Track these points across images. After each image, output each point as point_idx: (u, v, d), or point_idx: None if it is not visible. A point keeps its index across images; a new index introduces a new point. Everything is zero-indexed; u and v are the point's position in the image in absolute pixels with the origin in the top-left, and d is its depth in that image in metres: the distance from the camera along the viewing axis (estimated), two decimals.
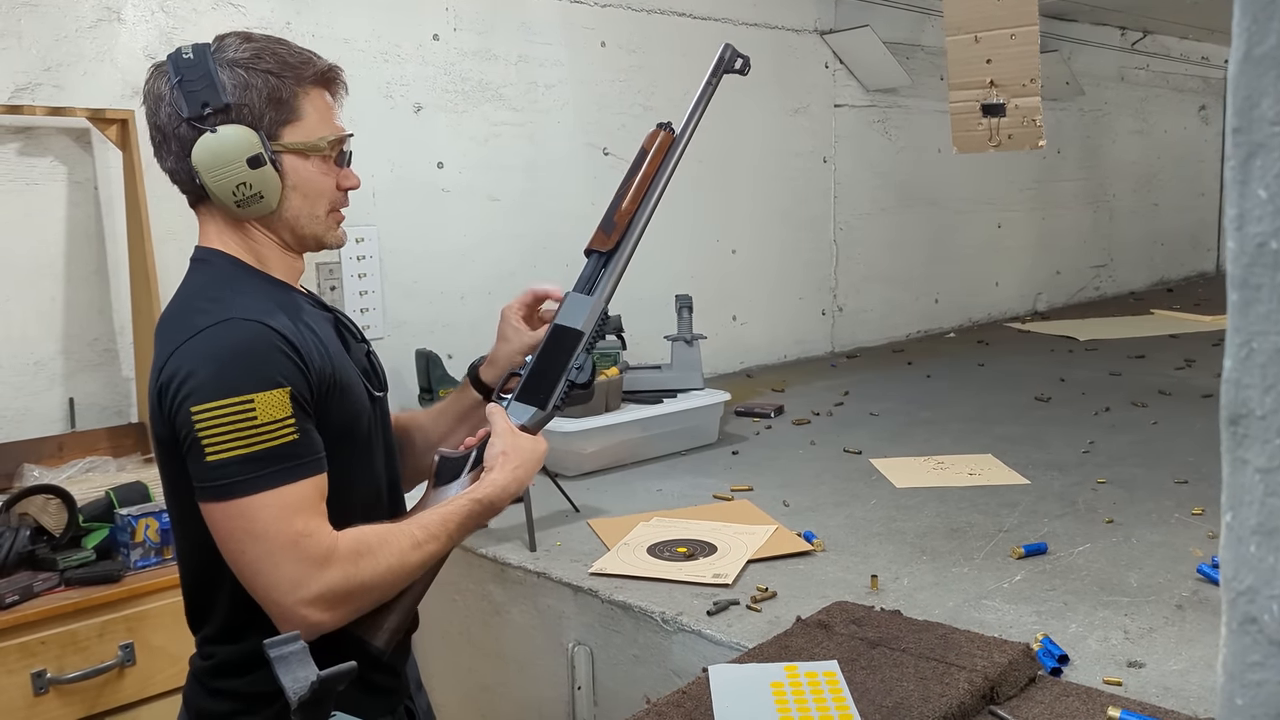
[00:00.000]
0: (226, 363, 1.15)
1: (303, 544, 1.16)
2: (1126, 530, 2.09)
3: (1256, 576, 0.52)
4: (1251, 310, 0.51)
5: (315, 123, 1.27)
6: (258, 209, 1.25)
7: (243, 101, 1.22)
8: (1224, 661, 0.54)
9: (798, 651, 1.47)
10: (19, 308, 2.28)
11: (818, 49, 4.17)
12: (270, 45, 1.26)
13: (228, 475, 1.14)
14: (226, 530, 1.16)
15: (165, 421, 1.19)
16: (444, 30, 2.97)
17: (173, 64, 1.23)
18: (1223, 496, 0.54)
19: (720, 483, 2.48)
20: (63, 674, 1.83)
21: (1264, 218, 0.50)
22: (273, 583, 1.16)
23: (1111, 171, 6.04)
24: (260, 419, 1.13)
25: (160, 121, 1.24)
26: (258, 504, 1.14)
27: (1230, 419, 0.53)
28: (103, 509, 2.04)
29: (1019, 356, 4.21)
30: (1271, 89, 0.49)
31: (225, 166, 1.20)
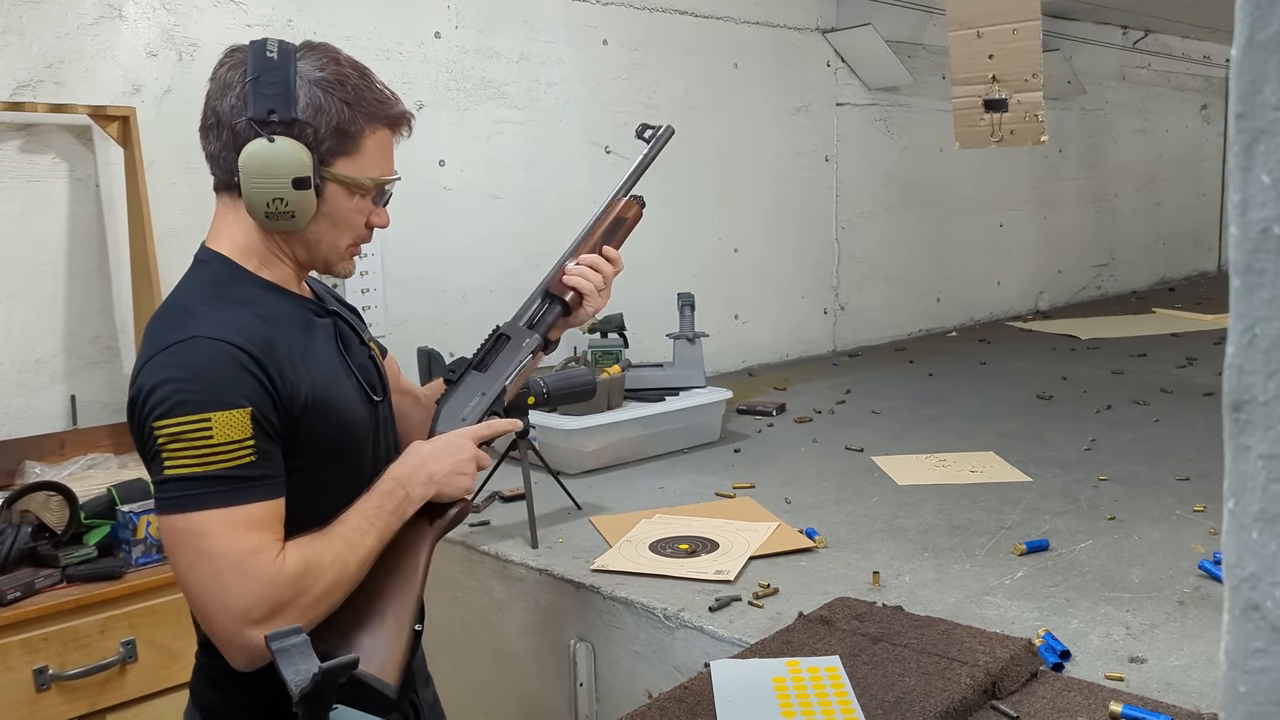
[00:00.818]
0: (187, 381, 1.13)
1: (250, 563, 1.13)
2: (1128, 527, 2.09)
3: (1259, 563, 0.52)
4: (1255, 296, 0.51)
5: (371, 161, 1.26)
6: (284, 225, 1.23)
7: (310, 122, 1.20)
8: (1226, 649, 0.54)
9: (800, 647, 1.47)
10: (20, 305, 2.28)
11: (820, 47, 4.17)
12: (355, 76, 1.25)
13: (180, 490, 1.12)
14: (175, 545, 1.14)
15: (136, 436, 1.18)
16: (446, 28, 2.97)
17: (253, 58, 1.21)
18: (1225, 483, 0.54)
19: (722, 480, 2.48)
20: (64, 671, 1.83)
21: (1267, 203, 0.50)
22: (219, 604, 1.13)
23: (1113, 171, 6.03)
24: (216, 439, 1.12)
25: (220, 107, 1.22)
26: (207, 520, 1.12)
27: (1233, 405, 0.53)
28: (104, 506, 2.04)
29: (1021, 355, 4.21)
30: (1274, 74, 0.49)
31: (269, 178, 1.19)
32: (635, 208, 1.59)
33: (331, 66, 1.23)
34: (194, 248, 2.56)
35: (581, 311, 1.54)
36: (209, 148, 1.25)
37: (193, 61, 2.50)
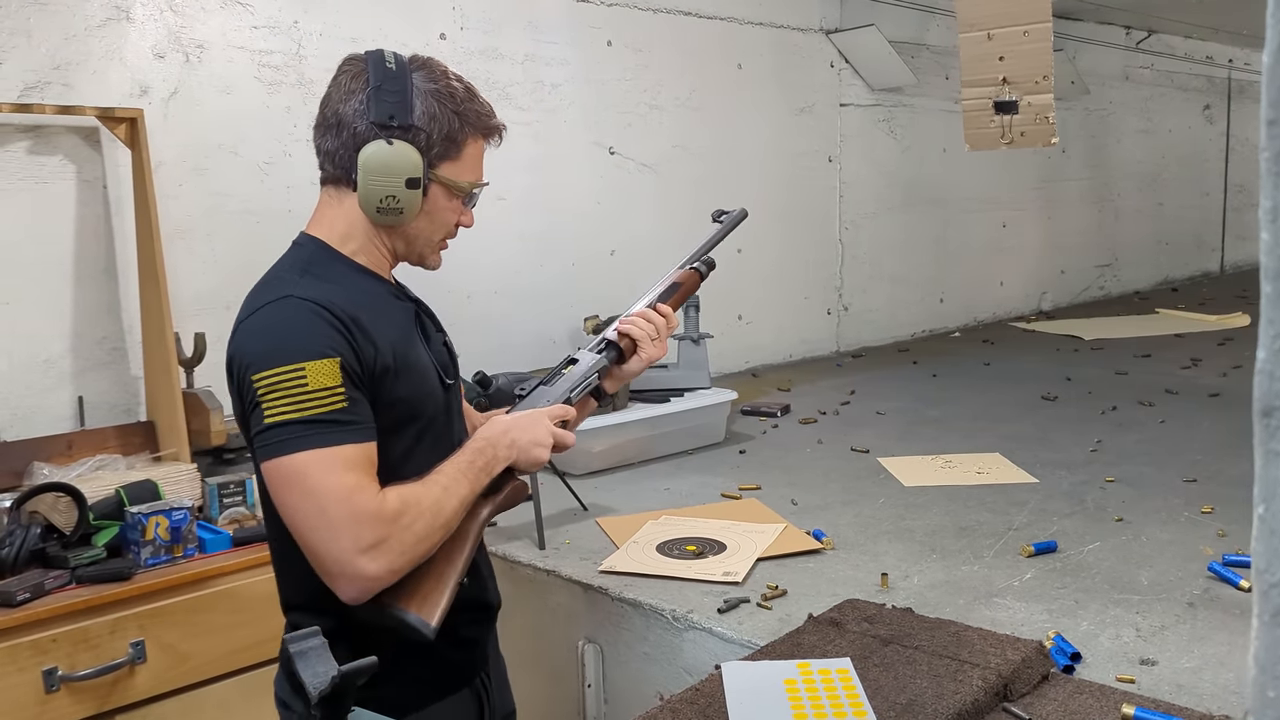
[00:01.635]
0: (280, 335, 1.24)
1: (354, 498, 1.21)
2: (1136, 529, 2.09)
3: None
4: None
5: (468, 167, 1.39)
6: (391, 220, 1.36)
7: (424, 128, 1.33)
8: (1255, 654, 0.54)
9: (810, 649, 1.47)
10: (29, 306, 2.28)
11: (823, 48, 4.17)
12: (462, 89, 1.37)
13: (281, 435, 1.21)
14: (282, 487, 1.23)
15: (235, 393, 1.29)
16: (451, 29, 2.98)
17: (374, 68, 1.32)
18: (1255, 489, 0.54)
19: (728, 481, 2.48)
20: (74, 671, 1.83)
21: None
22: (328, 536, 1.20)
23: (1116, 171, 6.04)
24: (311, 385, 1.21)
25: (344, 110, 1.32)
26: (310, 460, 1.20)
27: (1263, 411, 0.53)
28: (113, 507, 2.04)
29: (1025, 356, 4.22)
30: None
31: (385, 176, 1.31)
32: (695, 277, 1.72)
33: (443, 80, 1.35)
34: (201, 249, 2.57)
35: (636, 359, 1.62)
36: (326, 144, 1.35)
37: (200, 63, 2.50)
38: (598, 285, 3.35)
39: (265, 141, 2.62)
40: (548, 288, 3.27)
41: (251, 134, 2.60)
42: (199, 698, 1.98)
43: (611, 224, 3.46)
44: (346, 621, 1.30)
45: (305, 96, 2.69)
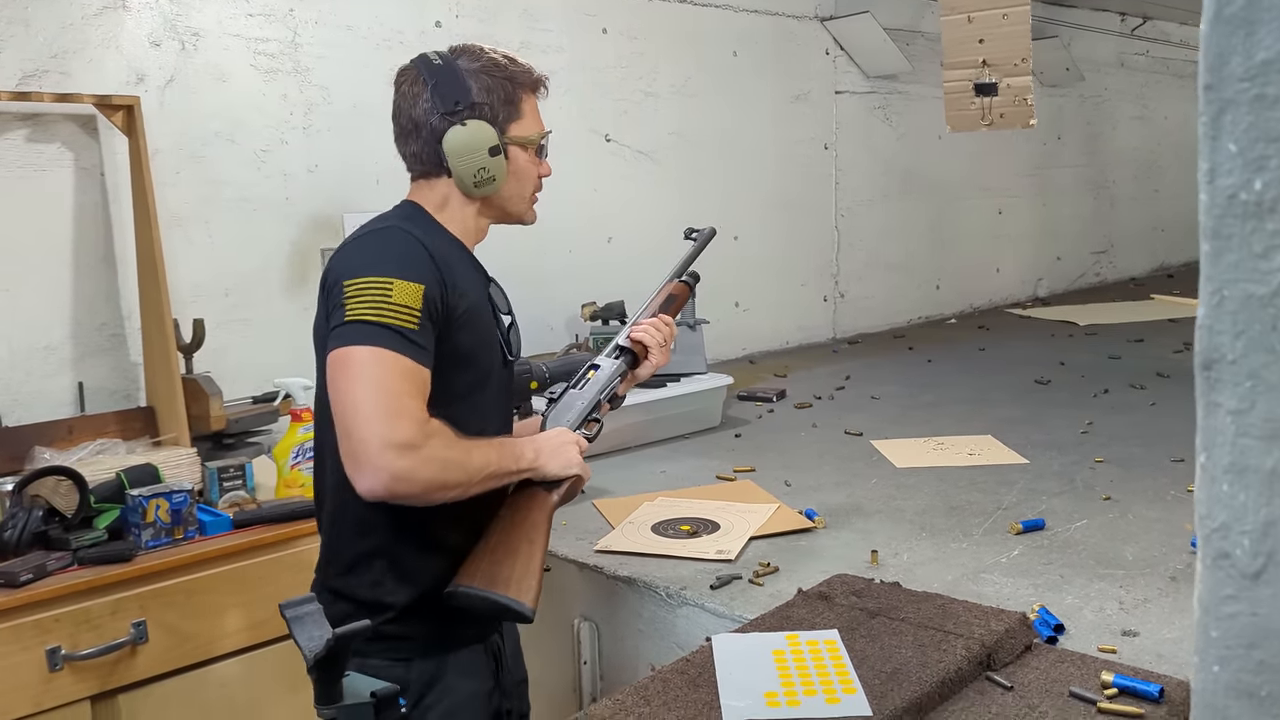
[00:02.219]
0: (380, 252, 1.38)
1: (403, 399, 1.29)
2: (1123, 506, 2.12)
3: (1229, 514, 0.55)
4: (1222, 259, 0.54)
5: (530, 121, 1.52)
6: (489, 189, 1.49)
7: (485, 101, 1.46)
8: (1199, 596, 0.57)
9: (799, 621, 1.50)
10: (29, 293, 2.30)
11: (818, 35, 4.18)
12: (502, 58, 1.49)
13: (356, 330, 1.31)
14: (341, 372, 1.31)
15: (323, 301, 1.39)
16: (446, 17, 2.99)
17: (425, 69, 1.47)
18: (1197, 439, 0.57)
19: (723, 464, 2.51)
20: (76, 651, 1.85)
21: (1234, 170, 0.52)
22: (366, 421, 1.27)
23: (1112, 158, 6.05)
24: (395, 299, 1.32)
25: (416, 114, 1.46)
26: (375, 355, 1.30)
27: (1203, 364, 0.55)
28: (113, 490, 2.07)
29: (1019, 341, 4.24)
30: (1240, 47, 0.51)
31: (472, 153, 1.45)
32: (686, 290, 1.85)
33: (485, 56, 1.48)
34: (198, 236, 2.60)
35: (646, 365, 1.73)
36: (410, 148, 1.49)
37: (195, 51, 2.52)
38: (595, 272, 3.37)
39: (262, 129, 2.64)
40: (545, 275, 3.29)
41: (248, 121, 2.62)
42: (200, 677, 2.01)
43: (608, 212, 3.48)
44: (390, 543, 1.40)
45: (301, 84, 2.71)
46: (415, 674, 1.41)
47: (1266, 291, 0.52)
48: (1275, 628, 0.53)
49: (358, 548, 1.43)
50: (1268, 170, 0.51)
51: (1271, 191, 0.51)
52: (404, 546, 1.42)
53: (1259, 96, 0.51)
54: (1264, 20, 0.51)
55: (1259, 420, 0.53)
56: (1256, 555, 0.54)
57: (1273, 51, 0.50)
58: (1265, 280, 0.52)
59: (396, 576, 1.42)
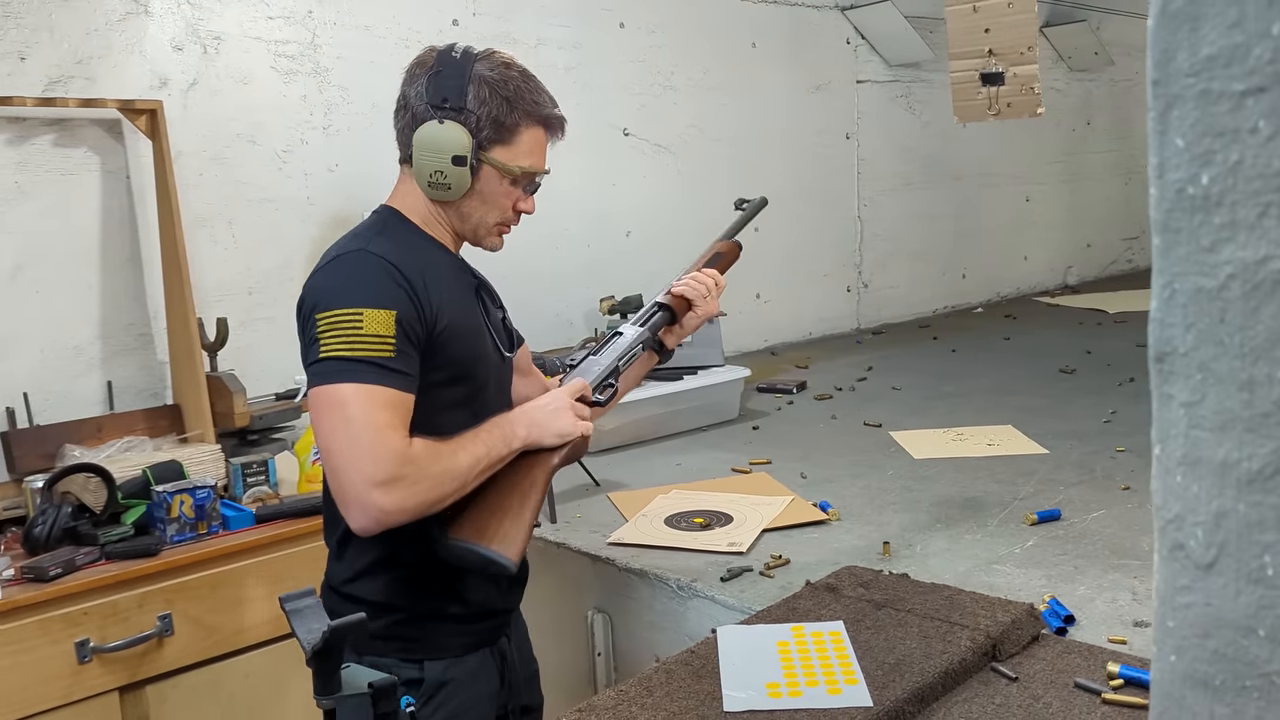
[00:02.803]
0: (347, 280, 1.36)
1: (383, 434, 1.29)
2: (1142, 496, 2.10)
3: (1183, 505, 0.56)
4: (1172, 253, 0.54)
5: (523, 152, 1.46)
6: (441, 195, 1.45)
7: (474, 111, 1.41)
8: (1157, 587, 0.57)
9: (805, 613, 1.51)
10: (58, 295, 2.36)
11: (839, 25, 4.16)
12: (519, 78, 1.45)
13: (331, 368, 1.31)
14: (321, 412, 1.31)
15: (300, 325, 1.39)
16: (463, 15, 3.02)
17: (440, 56, 1.43)
18: (1153, 431, 0.57)
19: (739, 457, 2.52)
20: (105, 643, 1.90)
21: (1181, 165, 0.53)
22: (350, 463, 1.29)
23: (1144, 142, 5.83)
24: (366, 330, 1.31)
25: (409, 93, 1.44)
26: (350, 392, 1.30)
27: (1156, 356, 0.56)
28: (140, 486, 2.12)
29: (1046, 330, 4.20)
30: (1186, 43, 0.52)
31: (434, 153, 1.41)
32: (735, 248, 1.85)
33: (501, 69, 1.44)
34: (222, 236, 2.64)
35: (691, 315, 1.74)
36: (396, 125, 1.47)
37: (216, 55, 2.56)
38: (614, 267, 3.39)
39: (282, 130, 2.68)
40: (564, 270, 3.31)
41: (269, 123, 2.66)
42: (224, 669, 2.06)
43: (627, 206, 3.50)
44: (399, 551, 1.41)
45: (321, 85, 2.74)
46: (428, 674, 1.43)
47: (1214, 284, 0.52)
48: (1228, 618, 0.54)
49: (367, 556, 1.44)
50: (1214, 164, 0.51)
51: (1218, 186, 0.51)
52: (410, 552, 1.42)
53: (1204, 91, 0.51)
54: (1208, 16, 0.51)
55: (1210, 412, 0.54)
56: (1209, 546, 0.54)
57: (1217, 47, 0.51)
58: (1213, 273, 0.52)
59: (404, 580, 1.44)
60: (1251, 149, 0.50)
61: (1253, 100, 0.49)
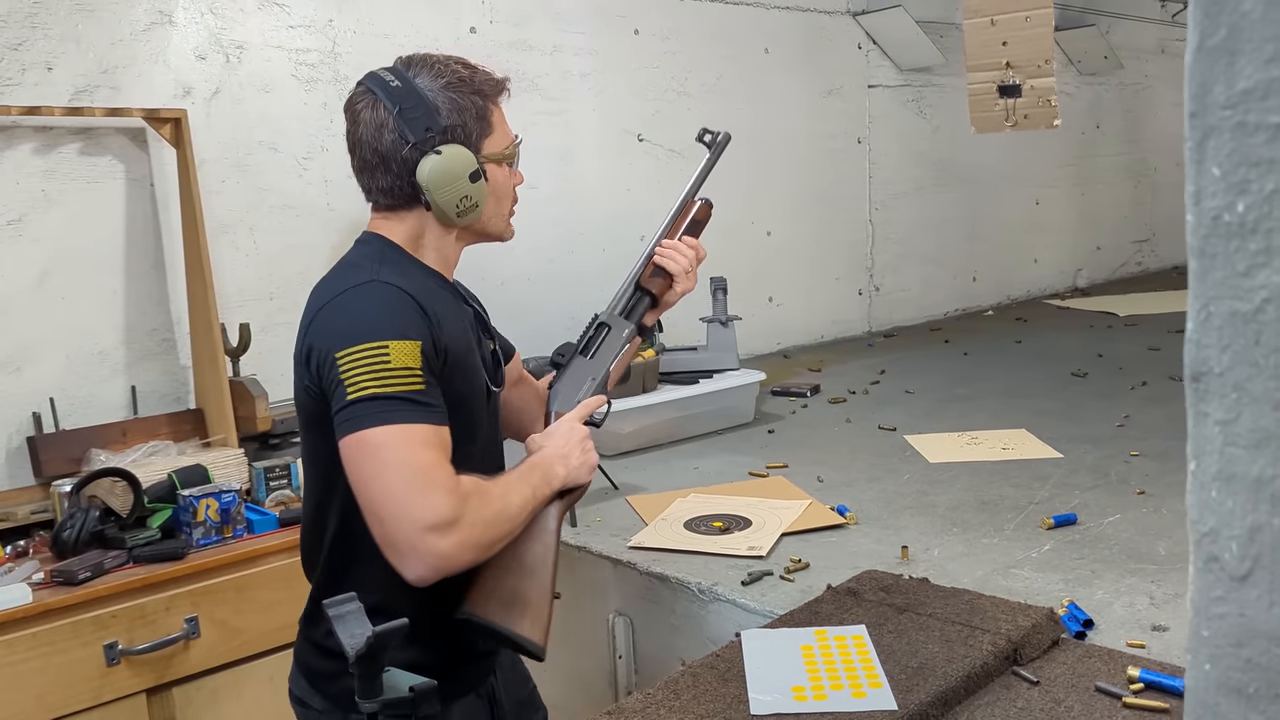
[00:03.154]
0: (366, 315, 1.28)
1: (430, 474, 1.23)
2: (1157, 501, 2.12)
3: (1218, 519, 0.58)
4: (1209, 277, 0.56)
5: (500, 133, 1.42)
6: (472, 217, 1.40)
7: (457, 123, 1.36)
8: (1191, 598, 0.60)
9: (827, 617, 1.53)
10: (83, 301, 2.39)
11: (850, 30, 4.18)
12: (463, 68, 1.39)
13: (364, 410, 1.23)
14: (359, 461, 1.24)
15: (313, 374, 1.30)
16: (480, 23, 3.04)
17: (384, 93, 1.35)
18: (1188, 447, 0.60)
19: (756, 460, 2.54)
20: (133, 646, 1.93)
21: (1217, 193, 0.55)
22: (401, 510, 1.21)
23: (1153, 145, 5.97)
24: (394, 364, 1.24)
25: (382, 148, 1.35)
26: (389, 435, 1.23)
27: (1192, 376, 0.58)
28: (165, 490, 2.15)
29: (1057, 333, 4.22)
30: (1222, 76, 0.54)
31: (452, 183, 1.35)
32: (706, 208, 1.76)
33: (445, 70, 1.38)
34: (244, 243, 2.67)
35: (671, 294, 1.68)
36: (377, 183, 1.38)
37: (239, 63, 2.59)
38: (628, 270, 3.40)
39: (303, 137, 2.71)
40: (579, 274, 3.34)
41: (290, 130, 2.69)
42: (249, 671, 2.09)
43: (641, 210, 3.51)
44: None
45: (341, 93, 2.77)
46: None
47: (1249, 308, 0.55)
48: (1261, 628, 0.56)
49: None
50: (1249, 193, 0.54)
51: (1253, 213, 0.54)
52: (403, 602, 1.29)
53: (1240, 124, 0.54)
54: (1244, 51, 0.53)
55: (1245, 430, 0.56)
56: (1244, 559, 0.57)
57: (1253, 81, 0.53)
58: (1248, 297, 0.54)
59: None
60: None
61: None
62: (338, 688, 1.39)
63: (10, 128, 2.26)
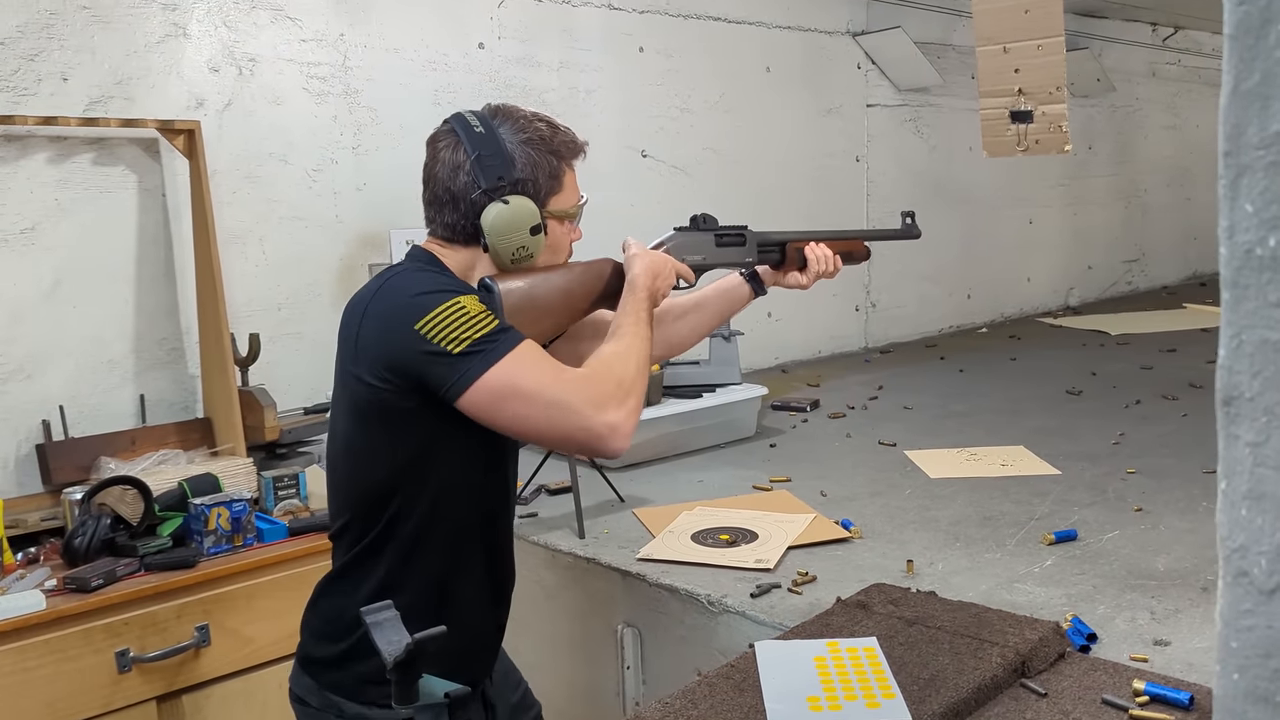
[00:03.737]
0: (422, 285, 1.35)
1: (563, 374, 1.32)
2: (1155, 518, 2.16)
3: (1247, 535, 0.61)
4: (1241, 307, 0.60)
5: (570, 193, 1.49)
6: (525, 264, 1.44)
7: (529, 177, 1.42)
8: (1221, 610, 0.63)
9: (839, 629, 1.56)
10: (95, 310, 2.40)
11: (850, 50, 4.24)
12: (546, 127, 1.45)
13: (471, 360, 1.29)
14: (499, 401, 1.29)
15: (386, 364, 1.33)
16: (489, 39, 3.08)
17: (466, 137, 1.41)
18: (1219, 467, 0.63)
19: (759, 474, 2.57)
20: (144, 653, 1.94)
21: (1250, 228, 0.58)
22: (568, 412, 1.30)
23: (1143, 167, 6.05)
24: (471, 311, 1.31)
25: (455, 187, 1.41)
26: (508, 367, 1.29)
27: (1224, 400, 0.62)
28: (176, 499, 2.16)
29: (1051, 351, 4.27)
30: (1256, 119, 0.57)
31: (513, 232, 1.40)
32: (866, 253, 1.95)
33: (530, 126, 1.44)
34: (254, 253, 2.69)
35: (792, 276, 1.78)
36: (444, 218, 1.44)
37: (252, 76, 2.62)
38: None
39: (313, 150, 2.74)
40: None
41: (300, 142, 2.71)
42: (259, 679, 2.10)
43: (644, 226, 3.53)
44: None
45: (351, 106, 2.80)
46: None
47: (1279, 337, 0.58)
48: None
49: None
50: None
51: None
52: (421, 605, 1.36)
53: (1273, 163, 0.57)
54: (1277, 95, 0.57)
55: (1274, 452, 0.59)
56: (1272, 574, 0.60)
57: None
58: (1279, 327, 0.58)
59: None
60: None
61: None
62: (332, 678, 1.43)
63: (25, 137, 2.28)
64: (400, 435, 1.37)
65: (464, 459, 1.41)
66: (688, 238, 1.70)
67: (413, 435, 1.37)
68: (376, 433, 1.38)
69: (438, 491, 1.40)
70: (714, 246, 1.72)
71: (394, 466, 1.38)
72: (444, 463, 1.39)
